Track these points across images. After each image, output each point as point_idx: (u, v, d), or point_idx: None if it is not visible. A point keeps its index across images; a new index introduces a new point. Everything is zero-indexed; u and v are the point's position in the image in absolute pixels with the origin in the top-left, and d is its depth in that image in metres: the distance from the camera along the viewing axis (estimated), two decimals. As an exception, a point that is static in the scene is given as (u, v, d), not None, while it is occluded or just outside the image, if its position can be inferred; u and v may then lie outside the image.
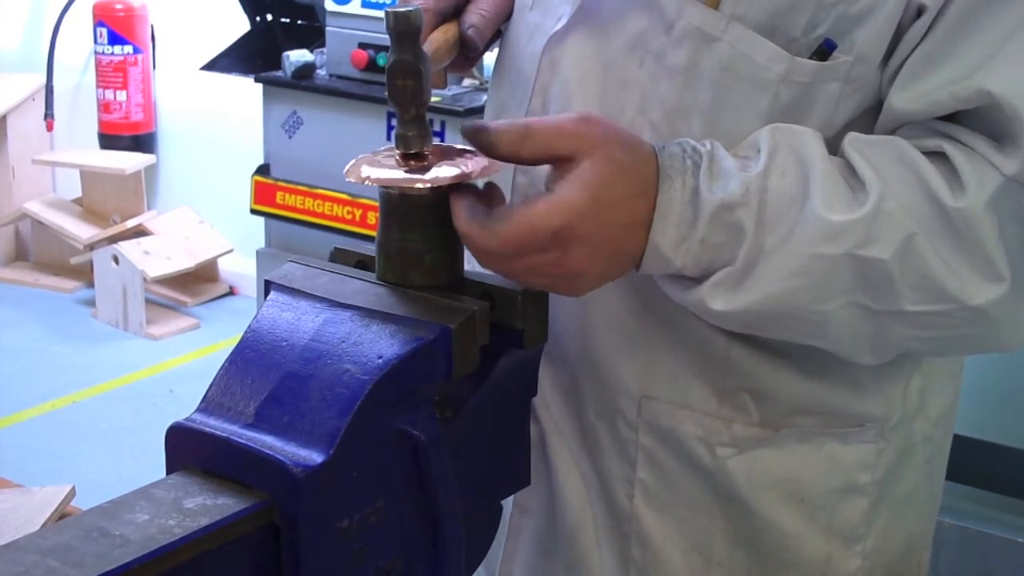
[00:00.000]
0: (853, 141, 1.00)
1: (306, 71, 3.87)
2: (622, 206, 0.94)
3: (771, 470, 1.11)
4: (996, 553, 2.61)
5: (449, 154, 0.97)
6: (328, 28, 3.83)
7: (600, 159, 0.93)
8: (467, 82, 3.73)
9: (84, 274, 4.96)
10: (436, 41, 1.13)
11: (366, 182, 0.94)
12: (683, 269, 0.98)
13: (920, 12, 0.98)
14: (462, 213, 0.94)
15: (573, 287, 0.98)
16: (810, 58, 1.00)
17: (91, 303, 4.85)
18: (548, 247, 0.93)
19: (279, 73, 3.93)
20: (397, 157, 0.95)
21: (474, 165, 0.96)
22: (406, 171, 0.94)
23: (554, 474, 1.18)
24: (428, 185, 0.93)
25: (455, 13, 1.17)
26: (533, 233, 0.92)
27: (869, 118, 1.04)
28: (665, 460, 1.13)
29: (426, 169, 0.94)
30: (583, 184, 0.93)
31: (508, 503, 1.25)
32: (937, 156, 0.98)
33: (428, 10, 1.15)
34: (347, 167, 0.96)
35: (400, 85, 0.95)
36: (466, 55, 1.17)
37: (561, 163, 0.94)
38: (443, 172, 0.94)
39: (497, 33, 1.22)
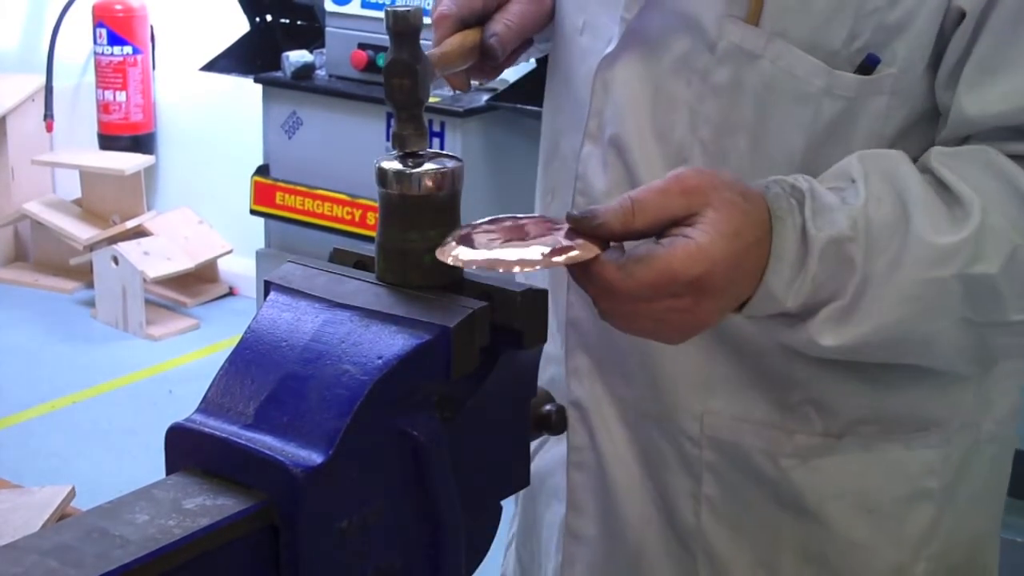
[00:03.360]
0: (939, 156, 0.99)
1: (306, 72, 3.87)
2: (751, 253, 0.93)
3: (836, 479, 1.10)
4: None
5: (543, 229, 0.94)
6: (328, 29, 3.84)
7: (721, 206, 0.91)
8: (456, 90, 3.72)
9: (84, 274, 4.95)
10: (450, 44, 1.14)
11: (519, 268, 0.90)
12: (790, 309, 0.96)
13: (962, 17, 0.97)
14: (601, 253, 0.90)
15: (682, 335, 0.96)
16: (854, 72, 0.99)
17: (91, 303, 4.85)
18: (683, 293, 0.90)
19: (279, 74, 3.93)
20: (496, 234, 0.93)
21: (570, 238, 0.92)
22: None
23: (613, 496, 1.18)
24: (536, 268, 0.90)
25: (478, 22, 1.17)
26: (672, 279, 0.89)
27: (922, 128, 1.03)
28: (730, 474, 1.12)
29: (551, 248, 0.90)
30: (719, 233, 0.90)
31: (554, 529, 1.25)
32: (1021, 160, 0.98)
33: (448, 16, 1.15)
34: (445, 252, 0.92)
35: (397, 84, 0.95)
36: (488, 63, 1.18)
37: (679, 221, 0.91)
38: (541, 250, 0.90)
39: (522, 45, 1.23)
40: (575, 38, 1.17)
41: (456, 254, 0.91)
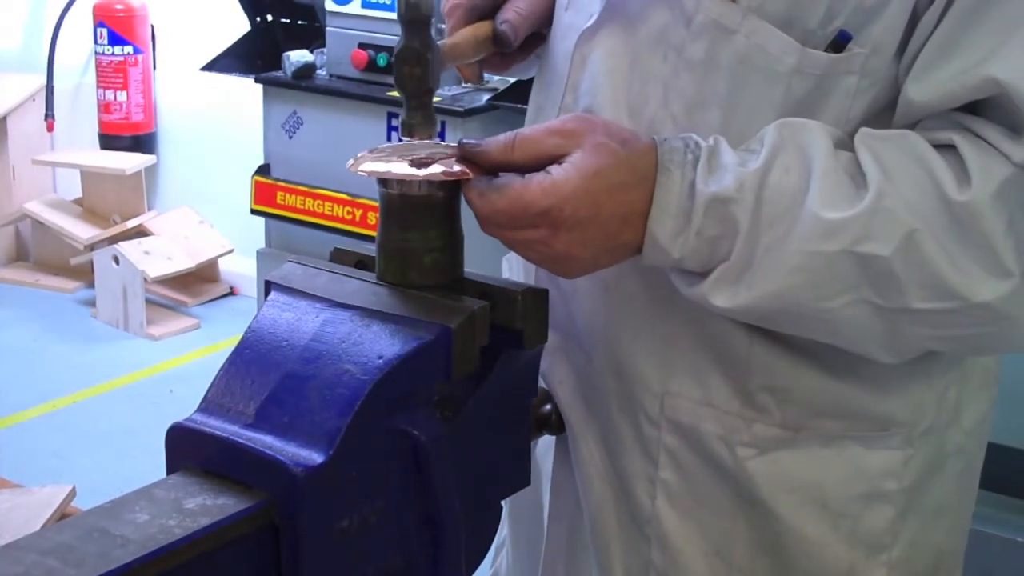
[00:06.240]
0: (863, 136, 1.00)
1: (306, 71, 3.87)
2: (615, 195, 0.97)
3: (793, 473, 1.10)
4: (996, 553, 2.60)
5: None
6: (328, 28, 3.83)
7: (590, 149, 0.97)
8: (467, 83, 3.73)
9: (84, 274, 4.95)
10: (462, 35, 1.14)
11: (376, 176, 0.96)
12: (682, 262, 0.99)
13: (931, 2, 0.97)
14: (472, 180, 0.98)
15: (564, 269, 1.01)
16: (825, 50, 1.00)
17: (91, 303, 4.85)
18: (537, 224, 0.96)
19: (279, 73, 3.93)
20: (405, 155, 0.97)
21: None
22: (409, 165, 0.96)
23: (578, 473, 1.18)
24: (422, 179, 0.94)
25: (492, 12, 1.18)
26: (523, 209, 0.96)
27: (888, 114, 1.03)
28: (687, 460, 1.12)
29: (427, 165, 0.95)
30: (576, 170, 0.96)
31: (535, 505, 1.25)
32: (947, 148, 0.97)
33: (460, 5, 1.16)
34: (352, 162, 0.97)
35: (407, 72, 0.97)
36: (501, 52, 1.18)
37: (555, 160, 0.97)
38: (441, 168, 0.95)
39: (535, 37, 1.23)
40: (561, 15, 1.18)
41: (355, 162, 0.97)
